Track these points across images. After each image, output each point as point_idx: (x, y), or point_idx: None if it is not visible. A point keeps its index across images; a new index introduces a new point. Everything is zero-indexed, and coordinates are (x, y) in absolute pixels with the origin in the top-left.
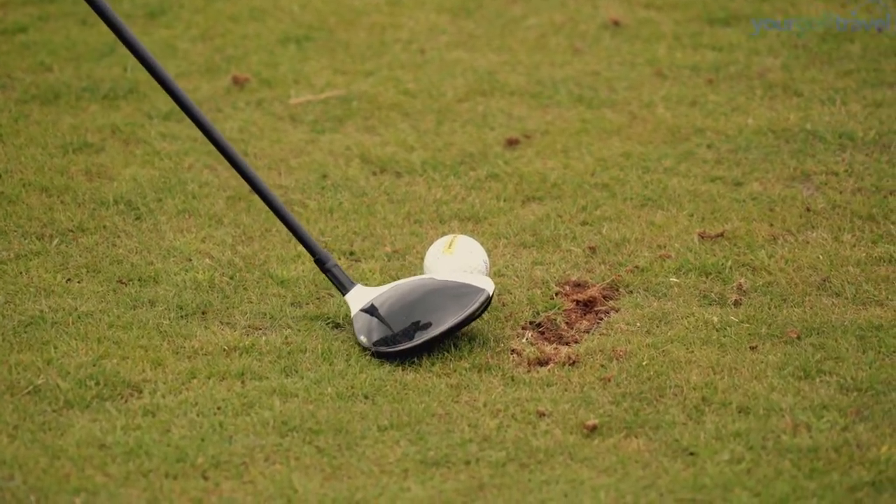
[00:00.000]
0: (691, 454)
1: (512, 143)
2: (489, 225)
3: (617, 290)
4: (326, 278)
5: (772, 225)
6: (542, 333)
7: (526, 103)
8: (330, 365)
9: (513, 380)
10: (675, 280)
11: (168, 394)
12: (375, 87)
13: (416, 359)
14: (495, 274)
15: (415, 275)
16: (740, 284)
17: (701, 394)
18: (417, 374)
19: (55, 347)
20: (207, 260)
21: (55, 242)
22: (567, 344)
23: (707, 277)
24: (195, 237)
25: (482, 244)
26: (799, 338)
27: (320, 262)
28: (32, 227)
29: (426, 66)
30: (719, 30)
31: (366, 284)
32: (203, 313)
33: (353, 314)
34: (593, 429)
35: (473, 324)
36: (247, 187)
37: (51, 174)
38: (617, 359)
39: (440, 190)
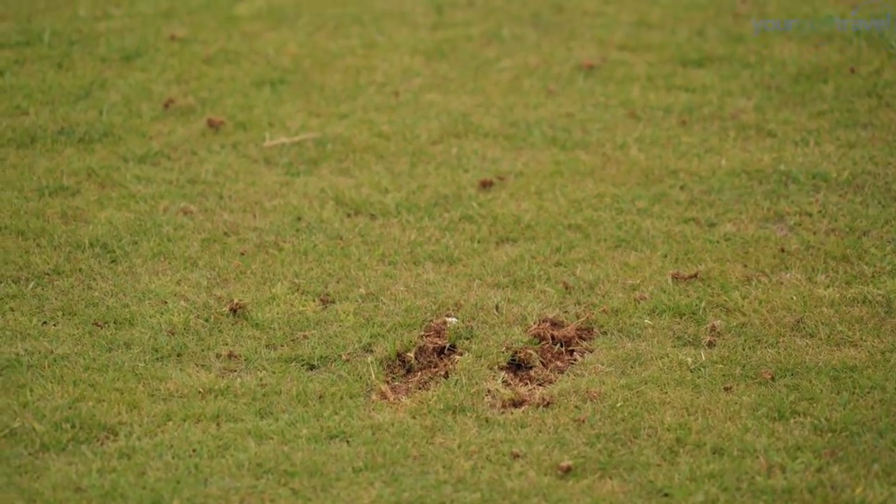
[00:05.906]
0: (666, 495)
1: (486, 184)
2: (463, 266)
3: (591, 330)
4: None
5: (745, 266)
6: (516, 374)
7: (500, 145)
8: (304, 407)
9: (487, 421)
10: (648, 321)
11: (143, 436)
12: (350, 130)
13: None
14: (469, 316)
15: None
16: (714, 325)
17: (675, 435)
18: (392, 416)
19: (31, 390)
20: (182, 302)
21: (31, 285)
22: (541, 385)
23: (681, 318)
24: (170, 280)
25: (456, 285)
26: (773, 379)
27: None
28: (8, 271)
29: (400, 108)
30: (692, 71)
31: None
32: (178, 355)
33: None
34: (567, 470)
35: (448, 365)
36: (221, 229)
37: (27, 217)
38: (591, 400)
39: (414, 231)
